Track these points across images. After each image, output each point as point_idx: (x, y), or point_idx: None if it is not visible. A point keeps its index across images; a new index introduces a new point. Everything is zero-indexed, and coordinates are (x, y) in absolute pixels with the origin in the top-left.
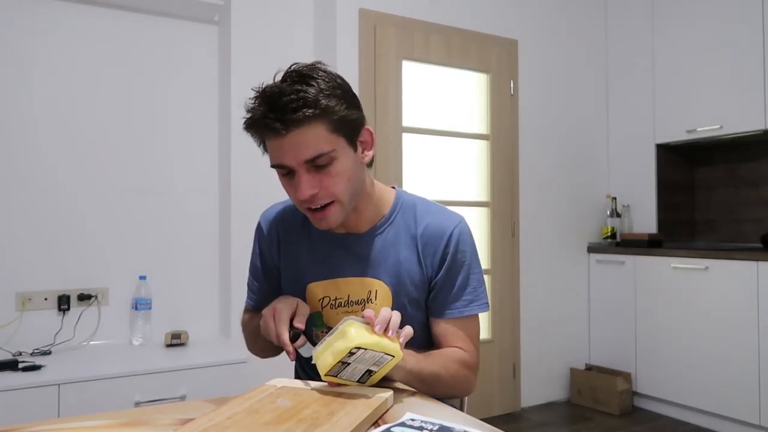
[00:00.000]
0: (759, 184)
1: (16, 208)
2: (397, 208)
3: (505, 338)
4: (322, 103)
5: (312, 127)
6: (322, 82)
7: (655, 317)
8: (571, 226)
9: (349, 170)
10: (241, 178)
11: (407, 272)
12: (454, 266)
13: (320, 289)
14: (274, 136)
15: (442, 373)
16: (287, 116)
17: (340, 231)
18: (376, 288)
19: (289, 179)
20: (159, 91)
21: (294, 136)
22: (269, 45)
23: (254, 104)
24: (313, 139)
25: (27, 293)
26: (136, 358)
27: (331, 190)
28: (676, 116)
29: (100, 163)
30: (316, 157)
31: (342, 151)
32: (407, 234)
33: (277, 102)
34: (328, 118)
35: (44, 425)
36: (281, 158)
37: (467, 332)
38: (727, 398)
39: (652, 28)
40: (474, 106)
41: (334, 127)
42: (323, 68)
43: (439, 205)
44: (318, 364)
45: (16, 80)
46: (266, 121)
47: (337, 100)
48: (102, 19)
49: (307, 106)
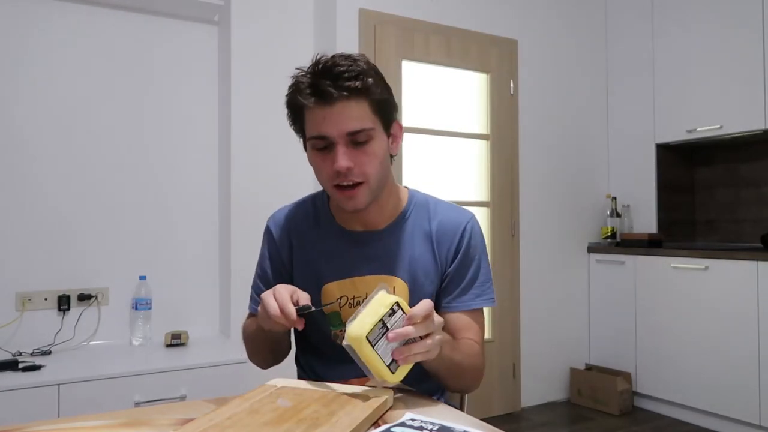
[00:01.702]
0: (759, 184)
1: (16, 208)
2: (411, 206)
3: (505, 338)
4: (370, 81)
5: (358, 102)
6: (365, 64)
7: (655, 317)
8: (571, 226)
9: (382, 153)
10: (242, 178)
11: (423, 268)
12: (466, 260)
13: (337, 289)
14: (321, 103)
15: (465, 364)
16: (340, 83)
17: (357, 228)
18: (394, 285)
19: (323, 154)
20: (159, 92)
21: (341, 106)
22: (269, 45)
23: (304, 74)
24: (358, 112)
25: (27, 293)
26: (136, 358)
27: (365, 169)
28: (676, 116)
29: (100, 163)
30: (358, 132)
31: (379, 132)
32: (421, 231)
33: (331, 70)
34: (372, 96)
35: (44, 425)
36: (323, 128)
37: (477, 325)
38: (727, 398)
39: (652, 28)
40: (474, 106)
41: (376, 107)
42: (366, 58)
43: (450, 203)
44: (353, 332)
45: (17, 80)
46: (319, 87)
47: (381, 84)
48: (102, 19)
49: (357, 78)
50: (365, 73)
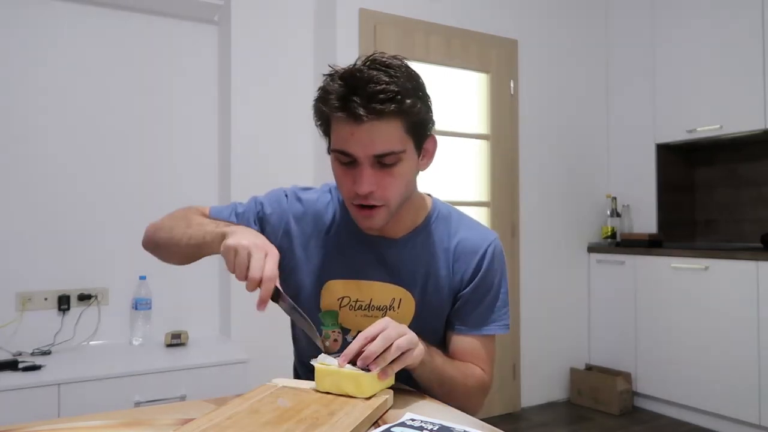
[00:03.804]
0: (759, 184)
1: (16, 208)
2: (433, 218)
3: (505, 338)
4: (407, 102)
5: (390, 123)
6: (405, 79)
7: (655, 317)
8: (571, 226)
9: (409, 175)
10: (241, 177)
11: (435, 285)
12: (483, 284)
13: (341, 288)
14: (350, 120)
15: (459, 383)
16: (372, 105)
17: (374, 233)
18: (401, 297)
19: (346, 168)
20: (159, 91)
21: (371, 126)
22: (269, 45)
23: (334, 82)
24: (388, 135)
25: (27, 293)
26: (136, 358)
27: (387, 193)
28: (676, 116)
29: (100, 162)
30: (387, 155)
31: (409, 153)
32: (440, 246)
33: (364, 88)
34: (407, 117)
35: (44, 425)
36: (349, 146)
37: (486, 352)
38: (727, 398)
39: (652, 28)
40: (474, 106)
41: (409, 127)
42: (405, 64)
43: (474, 219)
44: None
45: (18, 80)
46: (349, 104)
47: (419, 101)
48: (102, 18)
49: (392, 100)
50: (403, 93)
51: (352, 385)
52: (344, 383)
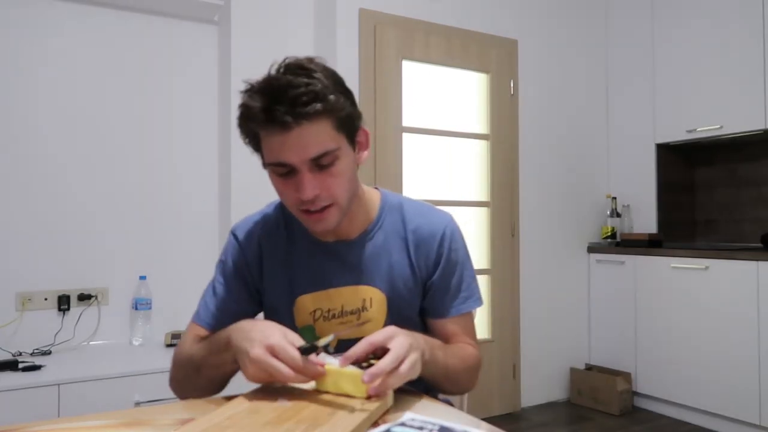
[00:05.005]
0: (759, 184)
1: (16, 208)
2: (384, 211)
3: (505, 338)
4: (331, 99)
5: (319, 123)
6: (324, 77)
7: (655, 317)
8: (571, 226)
9: (349, 171)
10: (241, 177)
11: (400, 276)
12: (449, 266)
13: (311, 302)
14: (278, 131)
15: (461, 369)
16: (297, 109)
17: (330, 239)
18: (371, 295)
19: (285, 179)
20: (159, 91)
21: (300, 131)
22: (269, 45)
23: (254, 96)
24: (319, 136)
25: (27, 293)
26: (136, 358)
27: (332, 191)
28: (676, 116)
29: (100, 163)
30: (322, 156)
31: (344, 150)
32: (396, 236)
33: (284, 94)
34: (335, 114)
35: (44, 425)
36: (283, 155)
37: (469, 328)
38: (727, 398)
39: (652, 28)
40: (474, 106)
41: (338, 124)
42: (322, 63)
43: (425, 203)
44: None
45: (18, 80)
46: (273, 114)
47: (342, 96)
48: (102, 18)
49: (317, 100)
50: (325, 91)
51: (352, 385)
52: (344, 383)
